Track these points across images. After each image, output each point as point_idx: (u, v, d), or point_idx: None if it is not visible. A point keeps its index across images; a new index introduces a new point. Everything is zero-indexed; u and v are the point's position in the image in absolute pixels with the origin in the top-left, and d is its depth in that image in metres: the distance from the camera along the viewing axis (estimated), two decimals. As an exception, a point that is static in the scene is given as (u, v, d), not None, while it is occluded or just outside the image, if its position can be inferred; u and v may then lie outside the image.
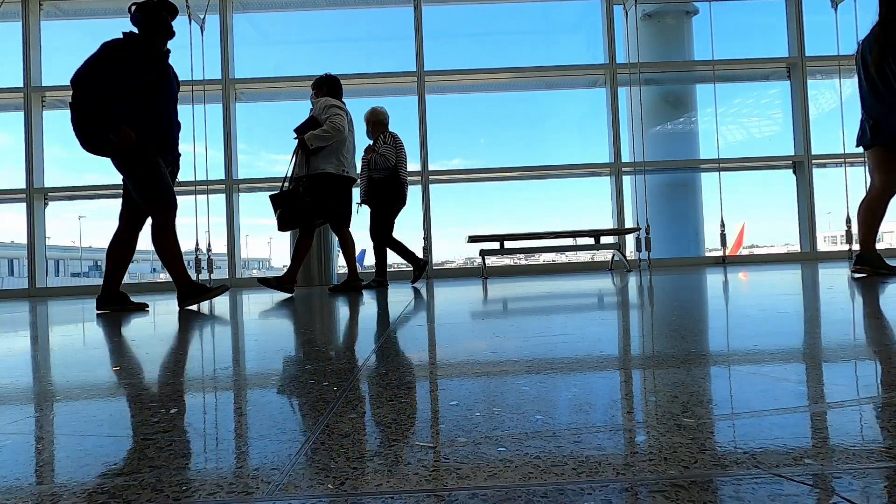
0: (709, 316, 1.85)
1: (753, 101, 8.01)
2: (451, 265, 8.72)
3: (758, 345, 1.25)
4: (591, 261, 7.33)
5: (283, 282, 4.26)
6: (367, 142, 4.99)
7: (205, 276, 6.33)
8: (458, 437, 0.71)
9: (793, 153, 6.98)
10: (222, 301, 3.73)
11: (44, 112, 6.80)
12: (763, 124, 7.99)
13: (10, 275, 36.38)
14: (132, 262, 3.44)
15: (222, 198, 6.71)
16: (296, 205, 4.17)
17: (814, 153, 6.85)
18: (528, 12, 8.09)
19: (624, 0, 6.94)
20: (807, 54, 6.89)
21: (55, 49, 6.99)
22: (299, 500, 0.54)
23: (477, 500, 0.52)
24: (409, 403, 0.89)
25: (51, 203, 6.85)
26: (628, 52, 7.01)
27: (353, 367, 1.22)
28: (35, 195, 6.61)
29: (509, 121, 10.97)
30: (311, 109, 4.41)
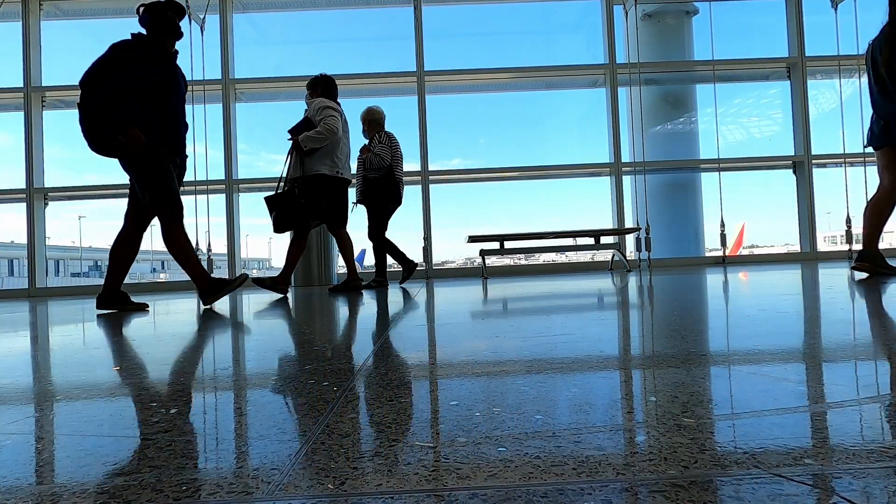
0: (709, 316, 1.85)
1: (753, 101, 8.02)
2: (451, 265, 8.72)
3: (758, 345, 1.25)
4: (591, 261, 7.33)
5: (278, 282, 4.26)
6: (363, 141, 4.99)
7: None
8: (458, 437, 0.71)
9: (793, 153, 6.98)
10: (222, 301, 3.73)
11: (44, 112, 6.79)
12: (763, 124, 8.00)
13: (10, 275, 36.39)
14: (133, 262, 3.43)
15: (222, 198, 6.71)
16: (291, 206, 4.17)
17: (814, 153, 6.85)
18: (528, 12, 8.10)
19: (624, 0, 6.94)
20: (807, 54, 6.89)
21: (55, 49, 6.99)
22: (299, 500, 0.54)
23: (477, 500, 0.52)
24: (409, 403, 0.89)
25: (51, 203, 6.85)
26: (628, 52, 7.01)
27: (353, 367, 1.22)
28: (35, 195, 6.61)
29: (509, 121, 10.98)
30: (306, 110, 4.41)
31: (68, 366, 1.41)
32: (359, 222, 4.99)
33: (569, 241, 5.99)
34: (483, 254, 5.89)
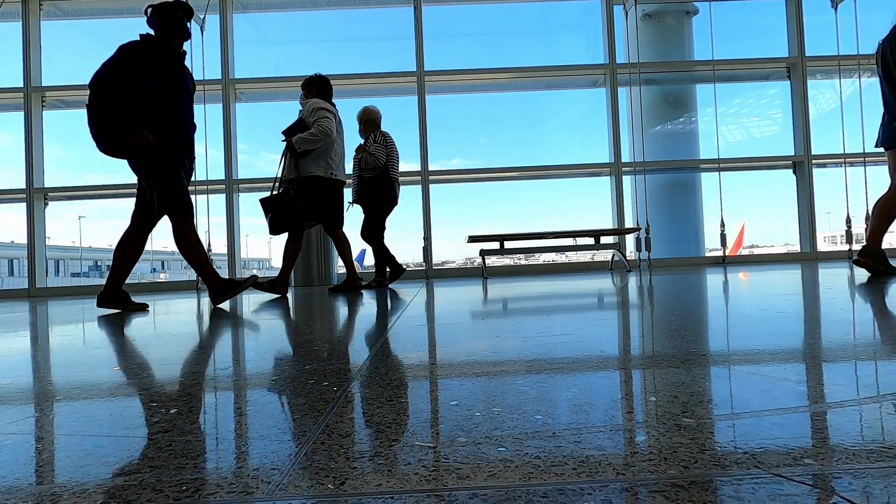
0: (709, 316, 1.85)
1: (753, 101, 8.01)
2: (451, 265, 8.71)
3: (758, 345, 1.25)
4: (591, 261, 7.33)
5: (276, 284, 4.26)
6: (359, 141, 4.97)
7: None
8: (458, 437, 0.71)
9: (793, 153, 6.98)
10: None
11: (44, 112, 6.79)
12: (763, 124, 7.99)
13: (10, 275, 36.38)
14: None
15: (222, 198, 6.71)
16: (287, 208, 4.16)
17: (814, 153, 6.84)
18: (528, 12, 8.09)
19: (624, 0, 6.94)
20: (807, 54, 6.89)
21: (55, 49, 6.99)
22: (299, 500, 0.54)
23: (477, 500, 0.52)
24: (409, 403, 0.89)
25: (51, 203, 6.85)
26: (628, 52, 7.01)
27: (353, 367, 1.22)
28: (35, 195, 6.61)
29: (509, 121, 10.96)
30: (300, 111, 4.39)
31: (68, 366, 1.41)
32: (356, 222, 4.98)
33: (569, 241, 5.99)
34: (483, 254, 5.89)
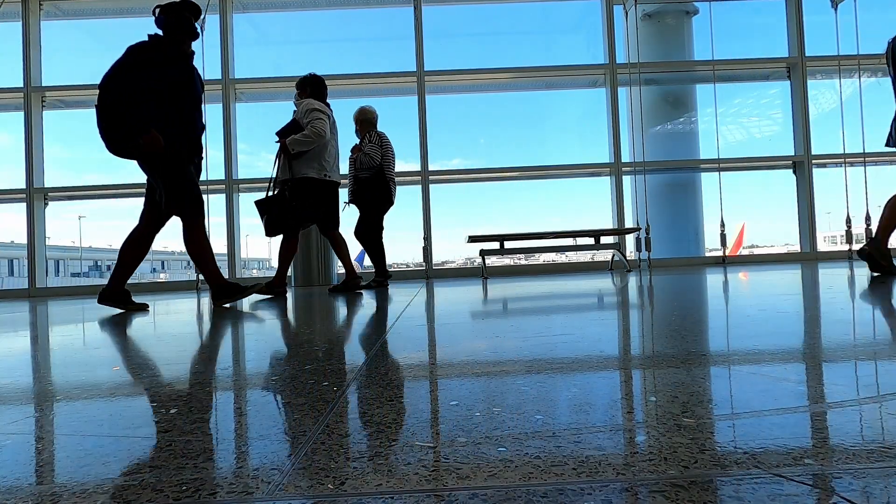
0: (709, 316, 1.85)
1: (753, 101, 8.01)
2: (451, 265, 8.71)
3: (758, 345, 1.25)
4: (591, 261, 7.33)
5: (274, 285, 4.26)
6: (355, 141, 4.97)
7: (205, 276, 6.33)
8: (458, 437, 0.71)
9: (793, 153, 6.98)
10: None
11: (44, 112, 6.79)
12: (763, 124, 7.99)
13: (10, 275, 36.38)
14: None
15: (222, 198, 6.71)
16: (283, 209, 4.16)
17: (814, 153, 6.84)
18: (528, 12, 8.09)
19: (624, 0, 6.93)
20: (807, 54, 6.89)
21: (55, 49, 6.99)
22: (299, 500, 0.54)
23: (477, 500, 0.52)
24: (409, 403, 0.89)
25: (51, 203, 6.84)
26: (628, 52, 7.01)
27: (352, 367, 1.22)
28: (35, 195, 6.61)
29: (509, 121, 10.96)
30: (294, 112, 4.38)
31: (68, 366, 1.41)
32: (353, 222, 4.96)
33: (569, 241, 5.99)
34: (483, 254, 5.89)
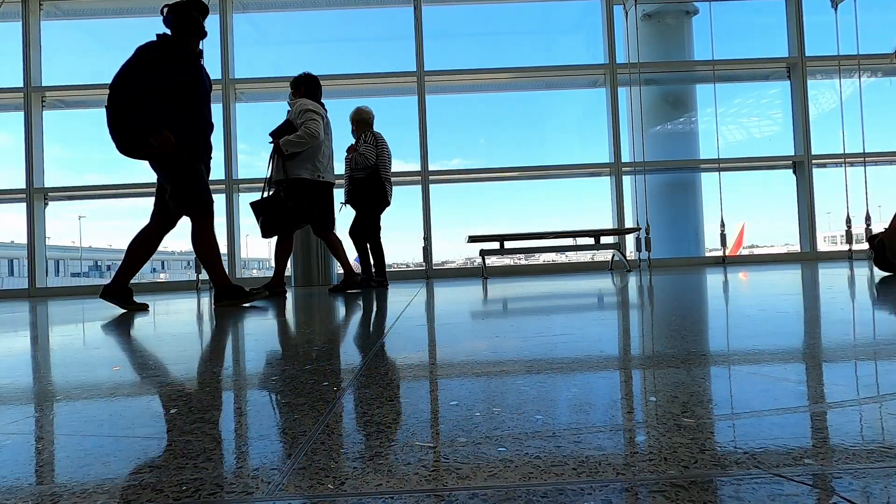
0: (709, 316, 1.85)
1: (753, 101, 8.01)
2: (451, 265, 8.71)
3: (758, 345, 1.25)
4: (591, 261, 7.33)
5: (273, 286, 4.26)
6: (351, 141, 4.96)
7: (204, 275, 6.33)
8: (458, 437, 0.71)
9: (793, 153, 6.98)
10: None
11: (44, 112, 6.79)
12: (763, 124, 7.99)
13: (10, 275, 36.36)
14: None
15: (222, 198, 6.70)
16: (280, 210, 4.15)
17: (814, 153, 6.84)
18: (528, 12, 8.09)
19: (624, 0, 6.93)
20: (807, 54, 6.89)
21: (55, 49, 6.99)
22: (299, 500, 0.54)
23: (477, 500, 0.52)
24: (409, 403, 0.89)
25: (51, 203, 6.85)
26: (628, 52, 7.01)
27: (353, 367, 1.22)
28: (35, 195, 6.61)
29: (509, 121, 10.96)
30: (288, 112, 4.37)
31: (68, 366, 1.41)
32: (348, 222, 4.96)
33: (569, 241, 5.99)
34: (483, 254, 5.89)
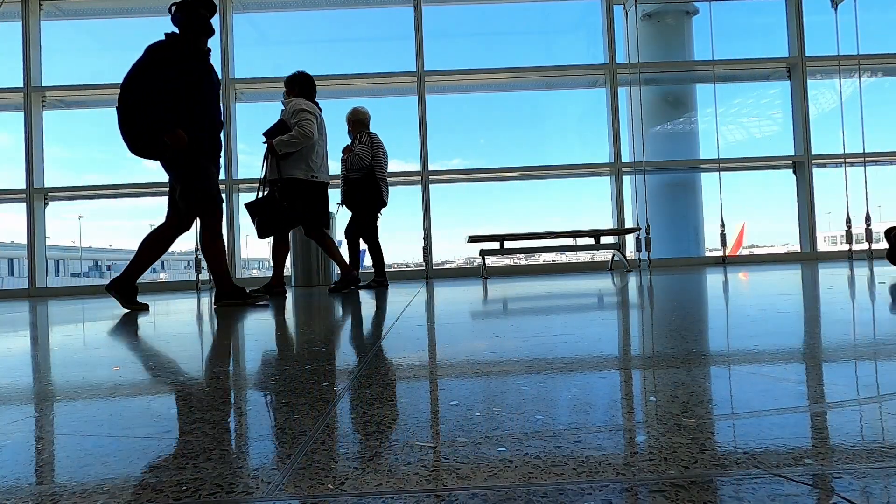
0: (709, 316, 1.85)
1: (753, 101, 8.00)
2: (451, 265, 8.71)
3: (758, 345, 1.25)
4: (591, 261, 7.33)
5: (273, 286, 4.26)
6: (348, 141, 4.96)
7: (204, 275, 6.34)
8: (458, 437, 0.71)
9: (793, 153, 6.98)
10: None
11: (44, 112, 6.79)
12: (763, 124, 7.98)
13: (10, 275, 36.35)
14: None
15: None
16: (276, 210, 4.15)
17: (814, 153, 6.84)
18: (528, 12, 8.09)
19: (624, 0, 6.93)
20: (807, 54, 6.89)
21: (55, 49, 6.98)
22: (299, 500, 0.54)
23: (477, 500, 0.52)
24: (409, 403, 0.89)
25: (51, 203, 6.84)
26: (628, 52, 7.01)
27: (353, 366, 1.22)
28: (35, 195, 6.61)
29: (509, 121, 10.96)
30: (282, 111, 4.36)
31: (68, 366, 1.41)
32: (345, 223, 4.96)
33: (569, 241, 5.99)
34: (483, 254, 5.89)
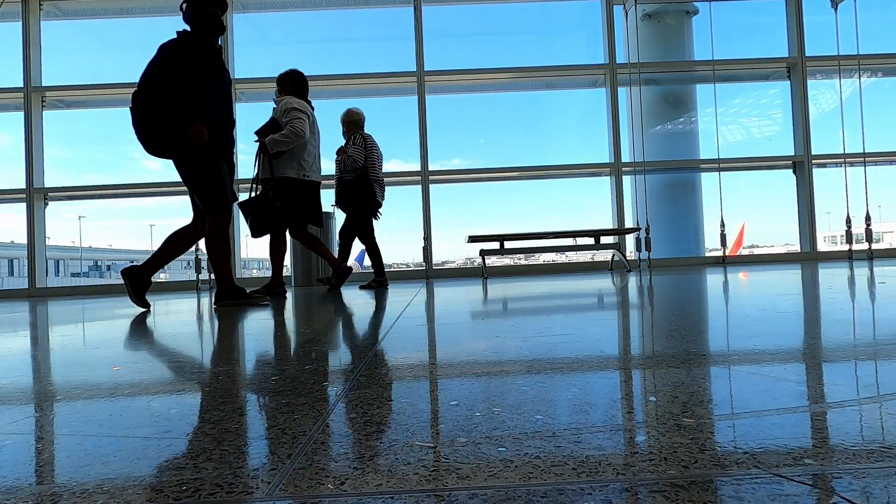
0: (709, 316, 1.85)
1: (753, 101, 8.00)
2: (451, 265, 8.71)
3: (758, 345, 1.25)
4: (591, 261, 7.33)
5: (273, 286, 4.25)
6: (343, 142, 4.96)
7: (205, 275, 6.34)
8: (458, 437, 0.71)
9: (793, 153, 6.98)
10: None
11: (44, 112, 6.79)
12: (763, 124, 7.98)
13: (10, 275, 36.34)
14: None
15: (222, 198, 6.70)
16: (269, 209, 4.15)
17: (814, 153, 6.85)
18: (528, 12, 8.09)
19: (624, 0, 6.93)
20: (807, 54, 6.89)
21: (55, 49, 6.98)
22: (299, 500, 0.54)
23: (477, 500, 0.52)
24: (409, 403, 0.89)
25: (51, 203, 6.84)
26: (628, 52, 7.01)
27: (352, 367, 1.22)
28: (35, 195, 6.61)
29: (509, 121, 10.96)
30: (274, 109, 4.35)
31: (68, 366, 1.41)
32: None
33: (569, 241, 5.99)
34: (483, 254, 5.89)
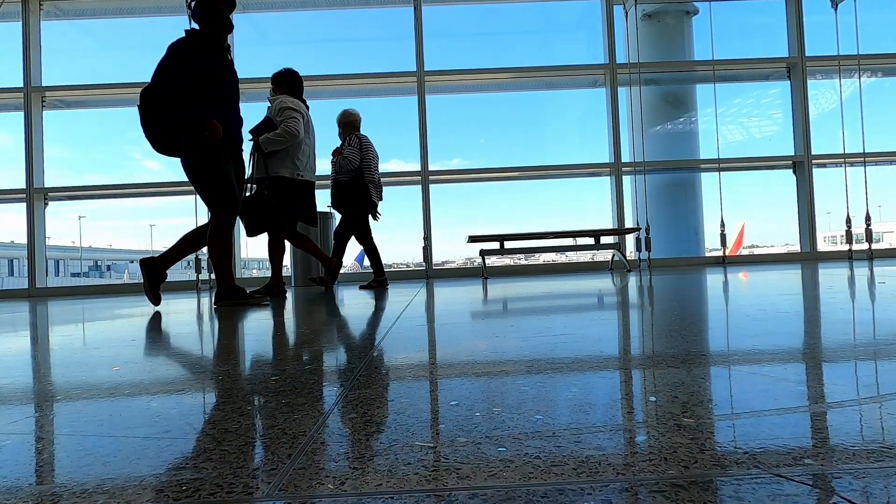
0: (709, 316, 1.85)
1: (753, 101, 8.00)
2: (451, 265, 8.71)
3: (758, 345, 1.25)
4: (591, 261, 7.33)
5: (273, 286, 4.25)
6: (336, 141, 4.97)
7: (205, 275, 6.33)
8: (458, 437, 0.71)
9: (793, 153, 6.98)
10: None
11: (44, 112, 6.79)
12: (763, 124, 7.98)
13: (10, 275, 36.33)
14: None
15: (222, 198, 6.70)
16: (264, 208, 4.15)
17: (814, 153, 6.85)
18: (528, 12, 8.09)
19: (624, 0, 6.93)
20: (807, 54, 6.89)
21: (55, 49, 6.98)
22: (299, 500, 0.54)
23: (477, 500, 0.52)
24: (409, 403, 0.89)
25: (51, 203, 6.84)
26: (628, 52, 7.01)
27: (353, 367, 1.22)
28: (35, 195, 6.61)
29: (509, 121, 10.97)
30: (269, 108, 4.35)
31: (68, 366, 1.41)
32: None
33: (569, 241, 5.99)
34: (483, 254, 5.89)
